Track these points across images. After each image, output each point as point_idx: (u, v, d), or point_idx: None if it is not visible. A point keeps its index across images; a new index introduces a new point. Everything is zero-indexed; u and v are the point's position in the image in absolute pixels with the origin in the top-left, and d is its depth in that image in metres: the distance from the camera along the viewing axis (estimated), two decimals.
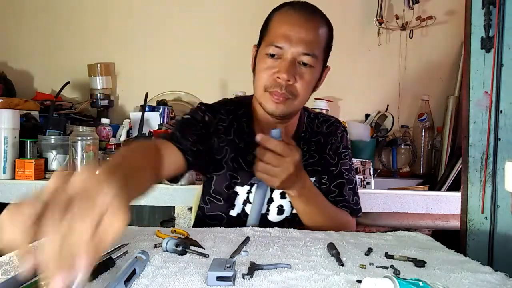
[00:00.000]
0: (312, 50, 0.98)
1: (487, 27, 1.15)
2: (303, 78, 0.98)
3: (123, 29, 2.38)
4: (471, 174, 1.19)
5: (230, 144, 1.08)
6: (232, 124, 1.10)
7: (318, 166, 1.12)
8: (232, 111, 1.11)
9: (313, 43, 0.98)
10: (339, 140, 1.15)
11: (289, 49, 0.96)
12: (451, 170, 2.06)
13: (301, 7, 1.01)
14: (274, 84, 0.98)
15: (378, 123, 2.36)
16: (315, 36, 0.98)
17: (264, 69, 0.99)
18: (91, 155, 1.72)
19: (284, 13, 1.01)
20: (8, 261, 0.68)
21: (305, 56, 0.97)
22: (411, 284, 0.51)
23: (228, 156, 1.08)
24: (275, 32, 0.99)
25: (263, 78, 0.99)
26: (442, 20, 2.34)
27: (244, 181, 1.08)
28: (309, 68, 0.99)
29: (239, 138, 1.09)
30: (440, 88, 2.41)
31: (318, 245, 0.82)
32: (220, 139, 1.08)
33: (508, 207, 1.12)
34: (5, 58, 2.35)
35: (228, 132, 1.09)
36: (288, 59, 0.97)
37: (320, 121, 1.18)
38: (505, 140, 1.14)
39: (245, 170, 1.07)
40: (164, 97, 2.28)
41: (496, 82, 1.15)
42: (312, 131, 1.15)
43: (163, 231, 0.89)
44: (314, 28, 0.99)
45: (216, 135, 1.07)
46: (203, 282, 0.60)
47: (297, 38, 0.96)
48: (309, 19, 0.99)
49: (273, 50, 0.97)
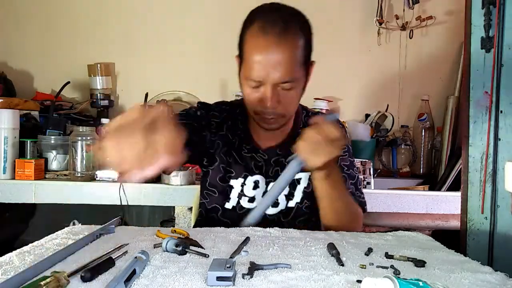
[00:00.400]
0: (289, 75, 0.97)
1: (487, 27, 1.15)
2: (287, 98, 1.01)
3: (123, 29, 2.38)
4: (471, 174, 1.19)
5: (222, 139, 1.14)
6: (225, 121, 1.15)
7: None
8: (226, 110, 1.17)
9: (289, 67, 0.96)
10: None
11: (267, 80, 0.97)
12: (451, 170, 2.06)
13: (272, 25, 0.95)
14: (262, 110, 1.02)
15: (378, 123, 2.36)
16: (289, 57, 0.96)
17: (249, 94, 1.02)
18: (91, 155, 1.72)
19: (255, 38, 0.97)
20: (8, 261, 0.68)
21: (284, 83, 0.98)
22: (411, 284, 0.51)
23: (220, 149, 1.13)
24: (249, 60, 0.97)
25: (251, 104, 1.03)
26: (442, 20, 2.34)
27: (238, 174, 1.12)
28: (291, 88, 0.99)
29: (232, 134, 1.14)
30: (440, 88, 2.40)
31: (318, 245, 0.82)
32: (212, 133, 1.13)
33: (508, 207, 1.12)
34: (5, 58, 2.35)
35: (220, 128, 1.14)
36: (269, 88, 0.97)
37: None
38: (505, 140, 1.14)
39: (239, 163, 1.13)
40: (164, 97, 2.28)
41: (496, 82, 1.15)
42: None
43: (163, 231, 0.89)
44: (288, 49, 0.95)
45: (208, 129, 1.13)
46: (203, 282, 0.60)
47: (272, 66, 0.95)
48: (281, 38, 0.94)
49: (252, 83, 0.99)
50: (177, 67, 2.38)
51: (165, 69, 2.38)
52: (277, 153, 1.14)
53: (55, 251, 0.70)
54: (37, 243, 0.80)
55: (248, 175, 1.13)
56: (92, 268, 0.61)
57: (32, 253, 0.73)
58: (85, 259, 0.69)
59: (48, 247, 0.77)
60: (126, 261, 0.65)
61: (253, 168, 1.13)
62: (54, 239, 0.83)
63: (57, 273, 0.56)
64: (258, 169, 1.13)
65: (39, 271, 0.62)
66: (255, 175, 1.13)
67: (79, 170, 1.70)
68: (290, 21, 0.98)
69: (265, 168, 1.13)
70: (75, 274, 0.62)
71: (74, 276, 0.61)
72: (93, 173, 1.71)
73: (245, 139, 1.15)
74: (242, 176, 1.13)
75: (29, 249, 0.76)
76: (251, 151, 1.14)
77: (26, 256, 0.71)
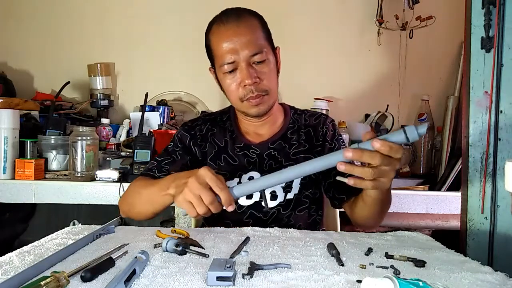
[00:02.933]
0: (257, 47, 1.04)
1: (487, 27, 1.15)
2: (264, 73, 1.06)
3: (123, 29, 2.38)
4: (471, 174, 1.19)
5: (210, 147, 1.18)
6: (209, 130, 1.20)
7: (310, 154, 1.16)
8: (210, 120, 1.23)
9: (254, 41, 1.04)
10: (331, 127, 1.20)
11: (239, 59, 1.04)
12: (451, 170, 2.06)
13: (227, 17, 1.07)
14: (245, 92, 1.06)
15: (378, 123, 2.35)
16: (252, 34, 1.04)
17: (230, 85, 1.08)
18: (91, 155, 1.72)
19: (217, 32, 1.07)
20: (8, 261, 0.68)
21: (254, 56, 1.04)
22: (411, 284, 0.51)
23: (209, 157, 1.17)
24: (219, 52, 1.06)
25: (234, 92, 1.08)
26: (442, 20, 2.34)
27: (232, 174, 1.14)
28: (264, 62, 1.05)
29: (220, 139, 1.18)
30: (440, 88, 2.40)
31: (318, 245, 0.82)
32: (200, 146, 1.19)
33: (508, 207, 1.12)
34: (5, 58, 2.35)
35: (205, 138, 1.19)
36: (243, 66, 1.04)
37: (307, 115, 1.23)
38: (505, 140, 1.14)
39: (231, 164, 1.15)
40: (164, 97, 2.28)
41: (496, 82, 1.15)
42: (300, 123, 1.21)
43: (163, 231, 0.89)
44: (248, 28, 1.05)
45: (194, 144, 1.19)
46: (203, 282, 0.60)
47: (239, 45, 1.03)
48: (239, 23, 1.05)
49: (227, 67, 1.05)
50: (177, 67, 2.38)
51: (165, 69, 2.38)
52: (269, 147, 1.16)
53: (55, 251, 0.70)
54: (37, 243, 0.80)
55: (242, 174, 1.14)
56: (92, 268, 0.61)
57: (32, 253, 0.73)
58: (85, 259, 0.69)
59: (48, 247, 0.77)
60: (126, 261, 0.65)
61: (246, 165, 1.14)
62: (54, 239, 0.83)
63: (57, 273, 0.56)
64: (251, 165, 1.14)
65: (39, 271, 0.62)
66: (249, 171, 1.14)
67: (79, 170, 1.70)
68: (242, 11, 1.09)
69: (259, 162, 1.15)
70: (75, 274, 0.62)
71: (74, 276, 0.61)
72: (93, 173, 1.70)
73: (236, 138, 1.18)
74: (236, 175, 1.14)
75: (29, 249, 0.76)
76: (243, 149, 1.16)
77: (26, 256, 0.71)
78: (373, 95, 2.42)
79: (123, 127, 2.14)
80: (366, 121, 2.38)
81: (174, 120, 2.18)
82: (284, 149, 1.16)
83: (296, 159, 1.14)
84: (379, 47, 2.40)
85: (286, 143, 1.17)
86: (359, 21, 2.39)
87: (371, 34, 2.38)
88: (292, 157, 1.15)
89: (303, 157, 1.15)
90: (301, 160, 1.12)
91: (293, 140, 1.17)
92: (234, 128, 1.19)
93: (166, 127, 2.00)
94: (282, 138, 1.18)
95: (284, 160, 1.15)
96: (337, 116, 2.12)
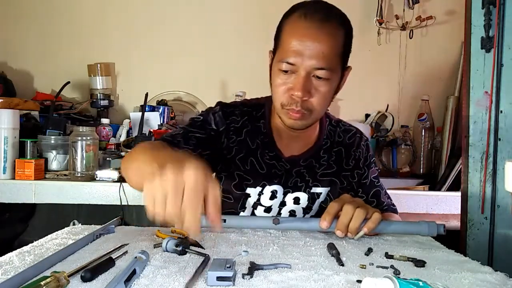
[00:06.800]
0: (326, 63, 0.91)
1: (487, 27, 1.16)
2: (318, 92, 0.94)
3: (123, 29, 2.38)
4: (471, 174, 1.19)
5: (240, 144, 1.06)
6: (245, 125, 1.08)
7: (336, 178, 1.11)
8: (247, 113, 1.09)
9: (327, 54, 0.91)
10: (365, 151, 1.14)
11: (301, 65, 0.91)
12: (451, 170, 2.06)
13: (313, 13, 0.92)
14: (290, 101, 0.94)
15: (378, 123, 2.36)
16: (328, 46, 0.91)
17: (279, 85, 0.95)
18: (91, 155, 1.72)
19: (294, 23, 0.93)
20: (8, 261, 0.68)
21: (319, 70, 0.91)
22: (411, 284, 0.51)
23: (237, 155, 1.06)
24: (285, 46, 0.93)
25: (279, 95, 0.96)
26: (442, 20, 2.34)
27: (256, 182, 1.06)
28: (325, 80, 0.93)
29: (252, 139, 1.07)
30: (440, 88, 2.40)
31: (318, 245, 0.82)
32: (230, 140, 1.06)
33: (508, 207, 1.12)
34: (5, 58, 2.35)
35: (239, 133, 1.07)
36: (302, 75, 0.91)
37: (341, 130, 1.15)
38: (505, 140, 1.14)
39: (258, 171, 1.06)
40: (164, 97, 2.28)
41: (496, 82, 1.15)
42: (333, 140, 1.13)
43: (163, 231, 0.89)
44: (328, 37, 0.91)
45: (226, 135, 1.06)
46: (203, 282, 0.60)
47: (309, 52, 0.90)
48: (321, 28, 0.91)
49: (285, 66, 0.92)
50: (177, 67, 2.38)
51: (165, 69, 2.38)
52: (300, 164, 1.08)
53: (55, 251, 0.70)
54: (37, 243, 0.80)
55: (266, 184, 1.07)
56: (92, 268, 0.61)
57: (32, 253, 0.73)
58: (85, 259, 0.69)
59: (48, 247, 0.77)
60: (126, 261, 0.65)
61: (272, 177, 1.07)
62: (54, 239, 0.83)
63: (57, 273, 0.56)
64: (277, 178, 1.07)
65: (39, 271, 0.62)
66: (274, 184, 1.07)
67: (79, 170, 1.70)
68: (334, 15, 0.95)
69: (285, 178, 1.07)
70: (75, 274, 0.62)
71: (74, 276, 0.61)
72: (93, 173, 1.71)
73: (268, 144, 1.07)
74: (260, 184, 1.06)
75: (29, 249, 0.76)
76: (273, 159, 1.07)
77: (26, 256, 0.71)
78: (373, 95, 2.42)
79: (123, 127, 2.14)
80: (366, 121, 2.38)
81: (174, 120, 2.18)
82: (313, 168, 1.09)
83: (322, 181, 1.09)
84: (379, 47, 2.40)
85: (317, 162, 1.10)
86: (359, 21, 2.39)
87: (371, 34, 2.38)
88: (319, 178, 1.09)
89: (329, 181, 1.10)
90: (326, 183, 1.09)
91: (323, 160, 1.10)
92: (268, 130, 1.08)
93: (166, 127, 2.00)
94: (314, 156, 1.10)
95: (311, 180, 1.09)
96: (337, 116, 2.11)
